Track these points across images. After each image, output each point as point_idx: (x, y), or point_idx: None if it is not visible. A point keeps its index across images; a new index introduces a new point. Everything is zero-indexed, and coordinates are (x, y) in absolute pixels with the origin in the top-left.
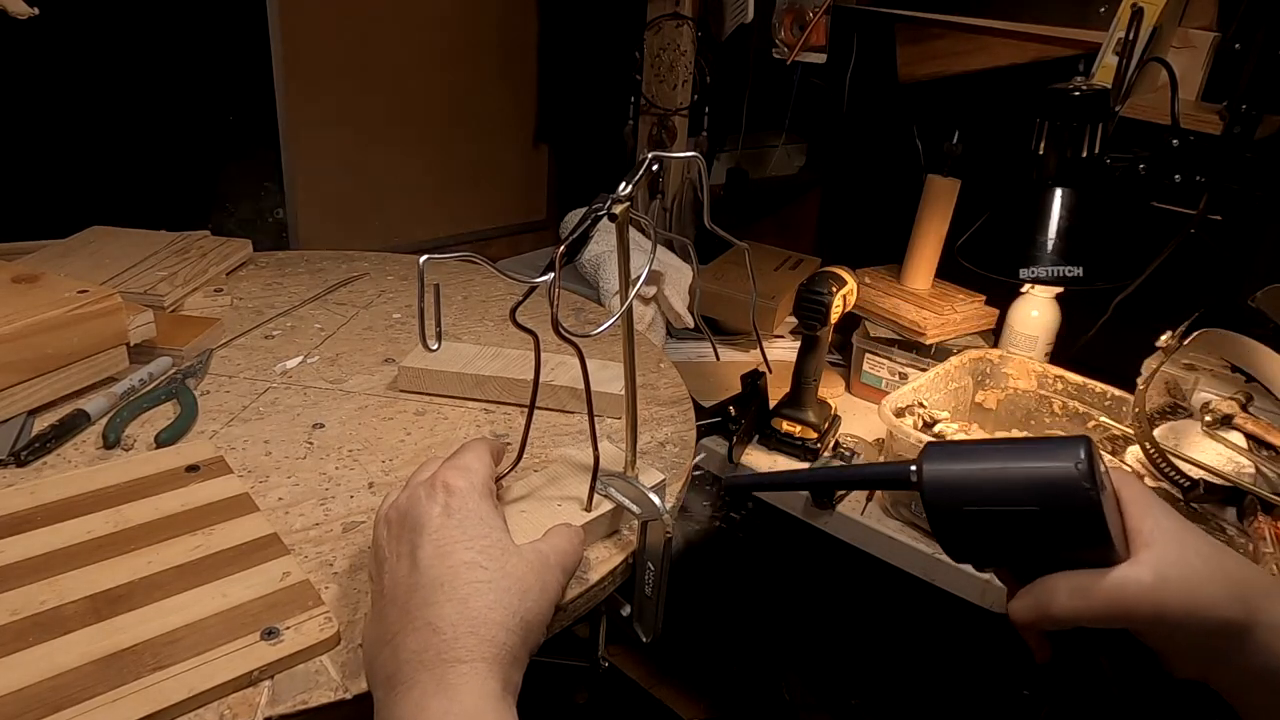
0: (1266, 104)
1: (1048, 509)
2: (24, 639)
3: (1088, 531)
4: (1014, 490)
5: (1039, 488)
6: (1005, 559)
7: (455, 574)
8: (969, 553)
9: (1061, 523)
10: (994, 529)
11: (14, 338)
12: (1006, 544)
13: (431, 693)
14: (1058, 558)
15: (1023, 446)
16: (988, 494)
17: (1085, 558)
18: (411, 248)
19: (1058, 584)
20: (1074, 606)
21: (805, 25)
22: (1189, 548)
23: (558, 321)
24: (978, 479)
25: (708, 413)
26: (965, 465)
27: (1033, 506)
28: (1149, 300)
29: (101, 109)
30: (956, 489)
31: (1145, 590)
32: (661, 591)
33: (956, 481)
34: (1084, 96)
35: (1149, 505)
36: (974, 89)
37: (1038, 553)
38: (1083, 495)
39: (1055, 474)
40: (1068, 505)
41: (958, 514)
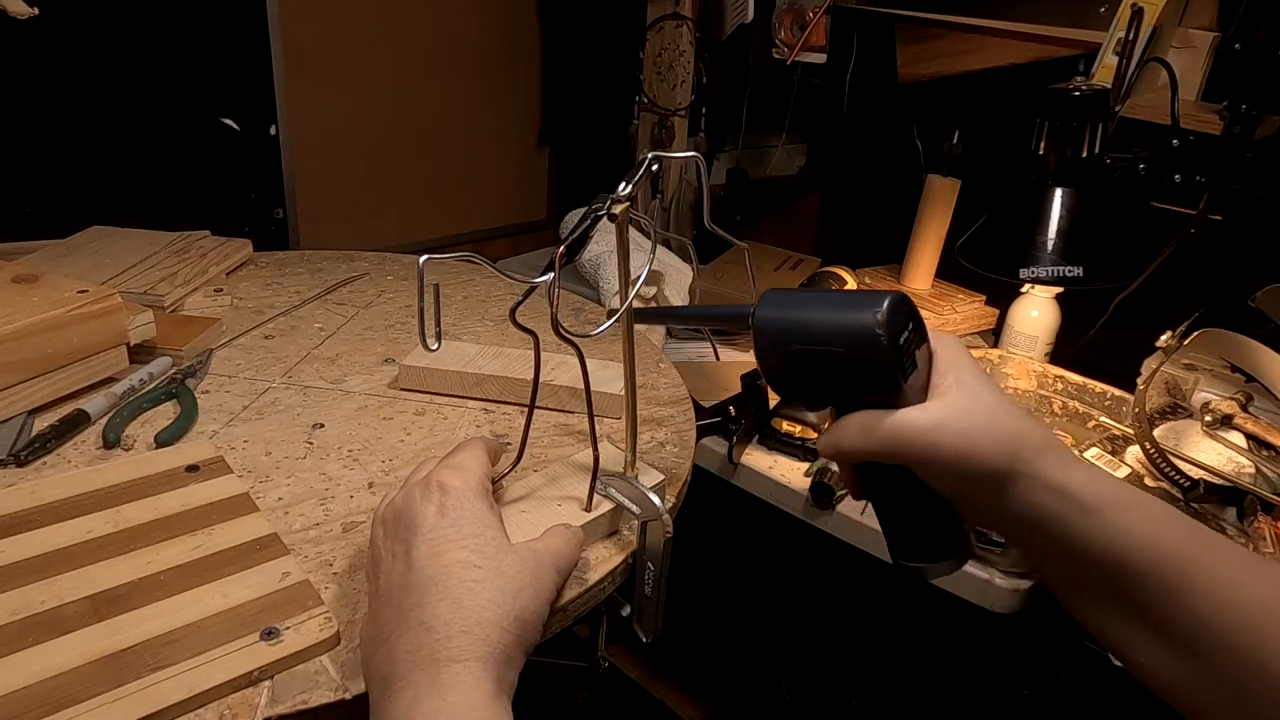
0: (1266, 104)
1: (848, 352)
2: (24, 639)
3: (878, 376)
4: (825, 334)
5: (844, 333)
6: (822, 398)
7: (449, 573)
8: (791, 389)
9: (859, 365)
10: (810, 369)
11: (14, 338)
12: (821, 384)
13: (424, 692)
14: (861, 400)
15: (844, 297)
16: (805, 336)
17: (880, 401)
18: (411, 248)
19: (850, 421)
20: (858, 442)
21: (805, 25)
22: (977, 403)
23: (557, 321)
24: (801, 321)
25: (708, 413)
26: (795, 311)
27: (838, 349)
28: (1149, 300)
29: (101, 109)
30: (782, 330)
31: (920, 432)
32: (661, 591)
33: (782, 324)
34: (1084, 96)
35: (955, 363)
36: (974, 89)
37: (845, 393)
38: (875, 342)
39: (856, 321)
40: (863, 350)
41: (783, 352)
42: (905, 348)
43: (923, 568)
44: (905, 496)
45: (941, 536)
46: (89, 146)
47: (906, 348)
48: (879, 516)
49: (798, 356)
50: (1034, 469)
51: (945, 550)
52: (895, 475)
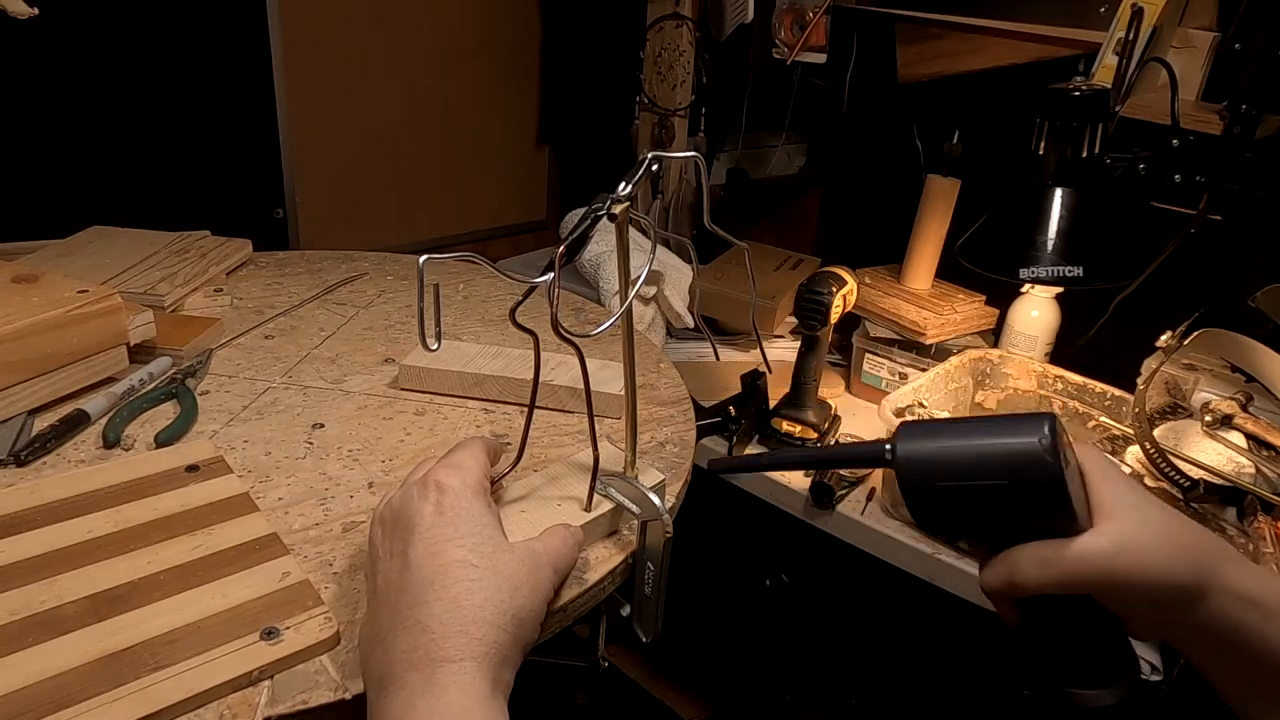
0: (1266, 104)
1: (1014, 483)
2: (23, 639)
3: (1051, 503)
4: (983, 466)
5: (1006, 463)
6: (976, 531)
7: (446, 572)
8: (942, 526)
9: (1027, 495)
10: (965, 503)
11: (14, 338)
12: (977, 517)
13: (420, 692)
14: (1024, 529)
15: (991, 423)
16: (958, 470)
17: (1050, 528)
18: (411, 248)
19: (1023, 554)
20: (1039, 575)
21: (805, 25)
22: (1147, 517)
23: (557, 321)
24: (948, 455)
25: (708, 413)
26: (937, 443)
27: (1001, 481)
28: (1149, 300)
29: (101, 109)
30: (929, 466)
31: (1104, 558)
32: (661, 591)
33: (929, 458)
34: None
35: (1110, 478)
36: (974, 89)
37: (1005, 525)
38: (1046, 469)
39: (1021, 449)
40: (1032, 479)
41: (931, 489)
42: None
43: (1093, 694)
44: (1082, 622)
45: (1114, 659)
46: (89, 146)
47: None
48: (1037, 643)
49: (953, 492)
50: (1221, 580)
51: (1116, 674)
52: (1069, 604)
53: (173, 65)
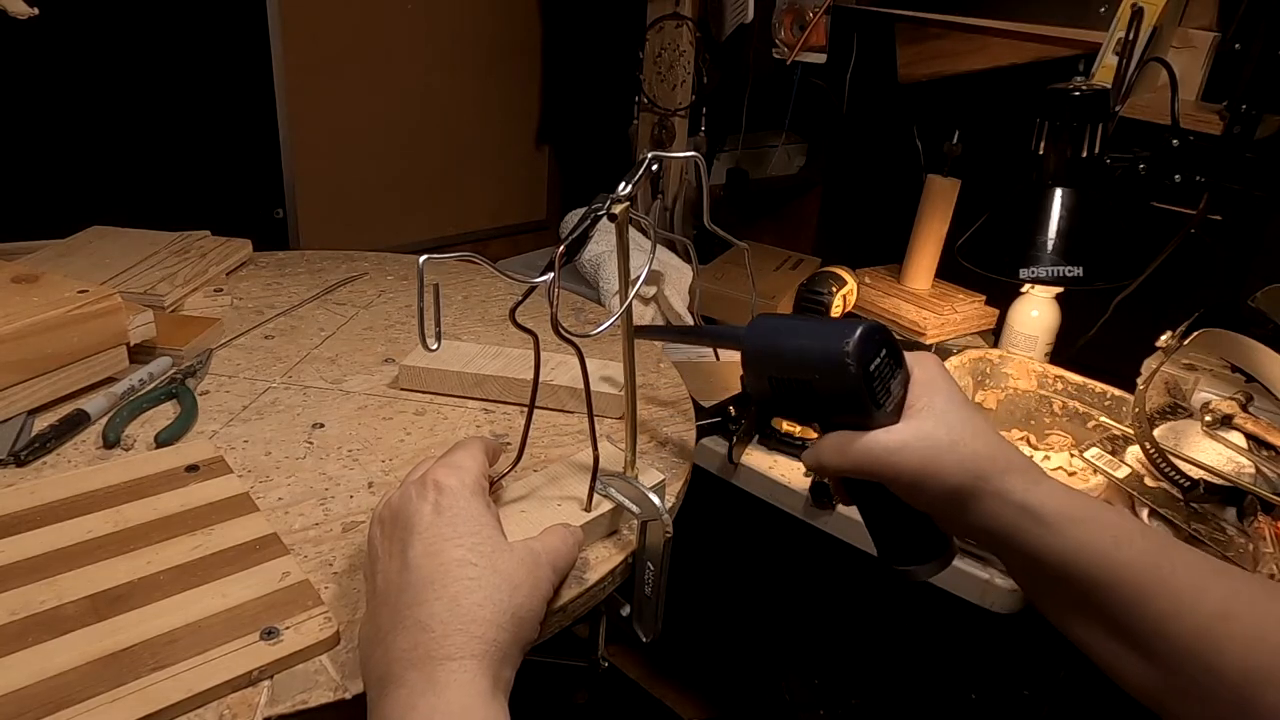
0: (1266, 104)
1: (822, 378)
2: (24, 639)
3: (850, 401)
4: (800, 364)
5: (815, 363)
6: (804, 418)
7: (445, 571)
8: (779, 411)
9: (832, 391)
10: (788, 393)
11: (14, 338)
12: (797, 406)
13: (420, 691)
14: (834, 420)
15: (822, 327)
16: (783, 364)
17: (854, 422)
18: (411, 248)
19: (826, 441)
20: (836, 460)
21: (805, 25)
22: (943, 424)
23: (557, 321)
24: (778, 350)
25: (708, 413)
26: (773, 339)
27: (811, 377)
28: (1149, 300)
29: (102, 109)
30: (763, 356)
31: (886, 452)
32: (661, 591)
33: (764, 350)
34: (1084, 96)
35: (929, 386)
36: (974, 89)
37: (819, 414)
38: (845, 371)
39: (827, 350)
40: (833, 378)
41: (766, 378)
42: (876, 374)
43: (909, 570)
44: (885, 506)
45: (924, 541)
46: (89, 146)
47: (879, 374)
48: (865, 522)
49: (779, 383)
50: (997, 486)
51: (929, 553)
52: (873, 488)
53: (173, 65)
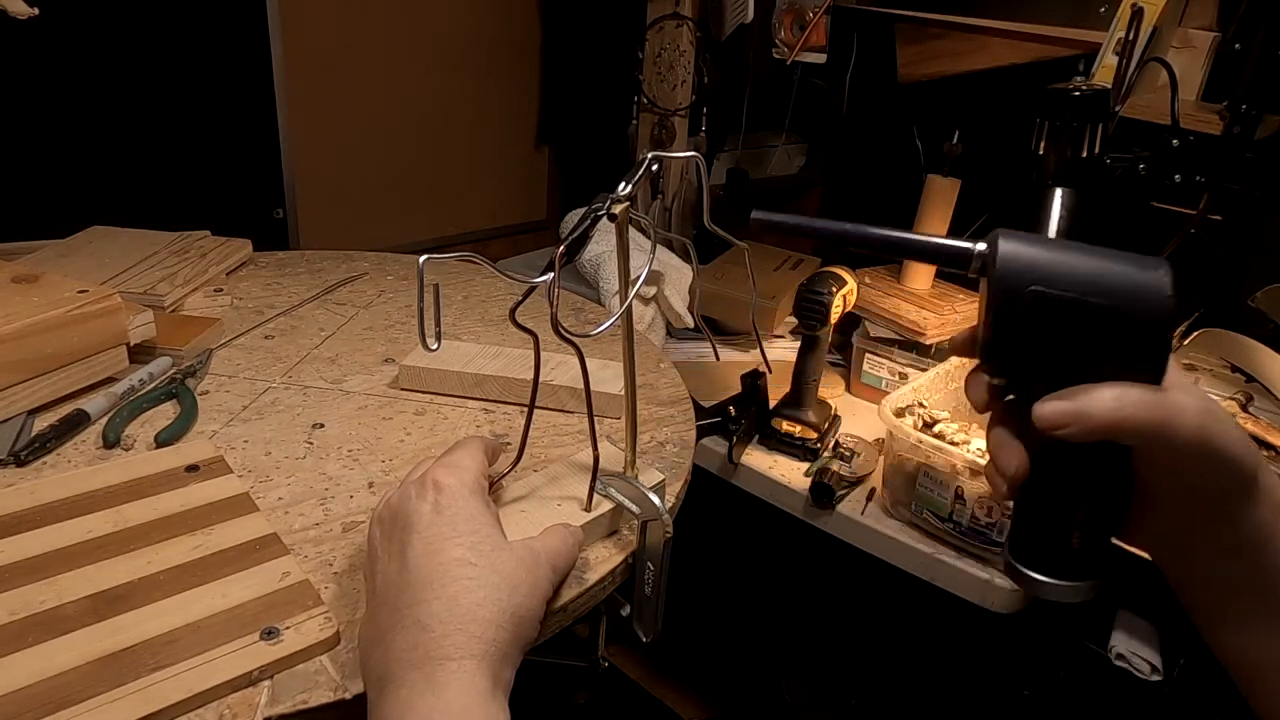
0: (1266, 104)
1: (1126, 309)
2: (24, 639)
3: (1154, 344)
4: (1097, 283)
5: (1124, 286)
6: (1054, 359)
7: (444, 571)
8: (1017, 348)
9: (1133, 327)
10: (1058, 319)
11: (14, 338)
12: (1064, 340)
13: (420, 691)
14: (1109, 368)
15: (1106, 250)
16: (1065, 280)
17: (1135, 376)
18: (411, 248)
19: (1103, 389)
20: (1116, 409)
21: (805, 25)
22: (1208, 398)
23: (557, 321)
24: (1058, 262)
25: (708, 413)
26: (1045, 248)
27: (1112, 304)
28: None
29: (102, 109)
30: (1031, 266)
31: (1198, 414)
32: (661, 591)
33: (1033, 259)
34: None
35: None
36: (974, 89)
37: (1093, 357)
38: (1164, 304)
39: (1144, 278)
40: (1147, 311)
41: (1022, 295)
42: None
43: (1050, 584)
44: (1086, 491)
45: (1089, 554)
46: (89, 146)
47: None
48: (1027, 511)
49: (1049, 304)
50: (1266, 479)
51: (1084, 571)
52: (1095, 462)
53: (173, 66)
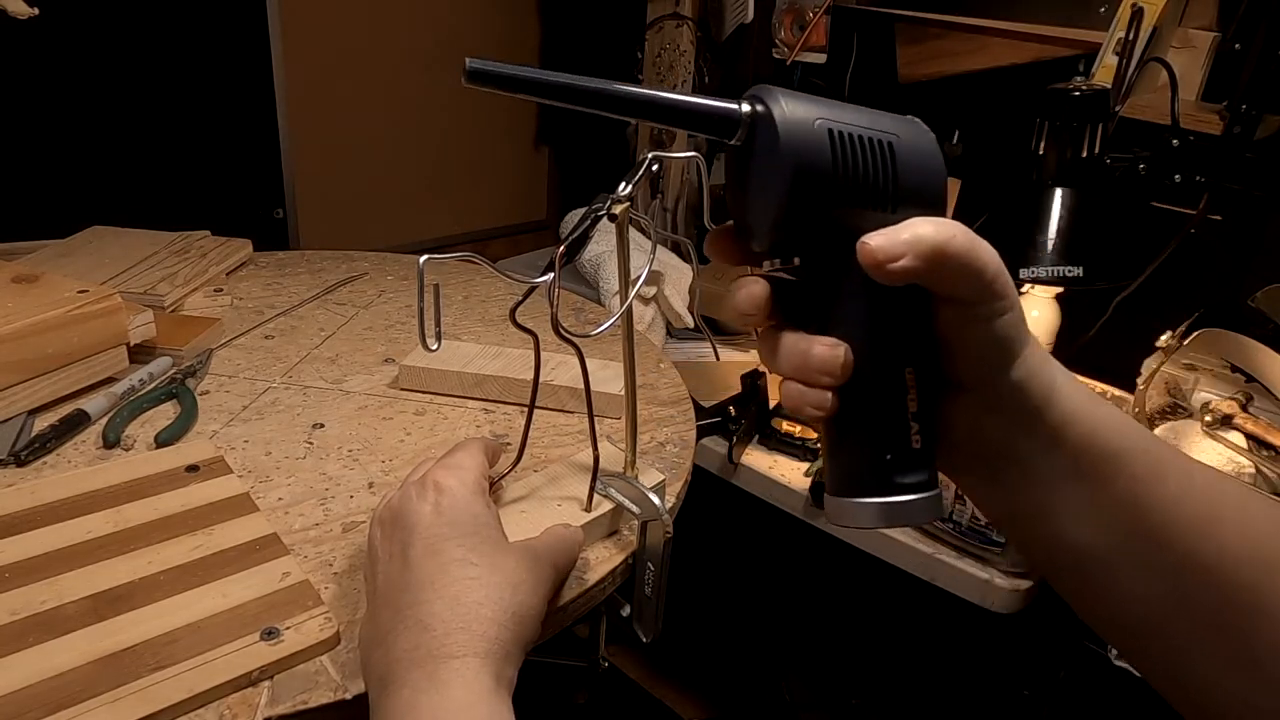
0: (1266, 104)
1: (908, 144)
2: (24, 639)
3: (937, 182)
4: (872, 121)
5: (895, 125)
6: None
7: (445, 571)
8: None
9: (918, 163)
10: (851, 157)
11: (14, 338)
12: (861, 185)
13: (423, 689)
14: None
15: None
16: (844, 118)
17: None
18: (411, 248)
19: (919, 221)
20: (945, 233)
21: (805, 25)
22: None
23: (557, 321)
24: (830, 104)
25: (708, 413)
26: (811, 98)
27: (892, 138)
28: (1149, 300)
29: (101, 109)
30: (809, 108)
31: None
32: (661, 591)
33: (809, 103)
34: (1084, 96)
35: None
36: (974, 89)
37: (889, 200)
38: (933, 140)
39: (904, 121)
40: (926, 146)
41: (812, 137)
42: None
43: (917, 500)
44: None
45: (928, 452)
46: (89, 146)
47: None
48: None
49: (846, 140)
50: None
51: (931, 475)
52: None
53: (173, 65)
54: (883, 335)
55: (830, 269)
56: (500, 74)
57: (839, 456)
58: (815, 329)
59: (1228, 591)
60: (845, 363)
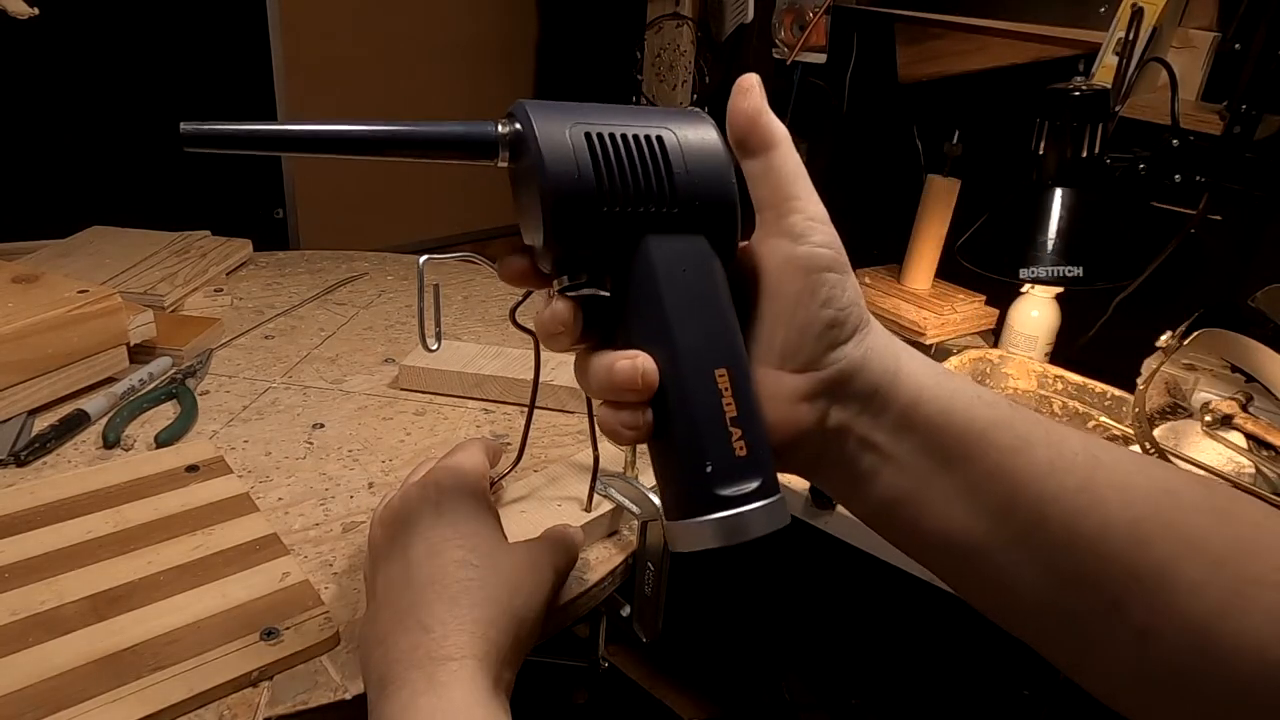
0: (1266, 104)
1: (681, 128)
2: (24, 639)
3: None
4: (630, 117)
5: (659, 117)
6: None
7: (445, 572)
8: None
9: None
10: (612, 157)
11: (14, 338)
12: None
13: (421, 690)
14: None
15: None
16: (601, 118)
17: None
18: (411, 248)
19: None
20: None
21: (805, 25)
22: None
23: None
24: (587, 109)
25: None
26: (569, 108)
27: (666, 128)
28: (1149, 300)
29: (102, 109)
30: (564, 115)
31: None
32: (661, 591)
33: (563, 110)
34: (1084, 96)
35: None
36: (974, 89)
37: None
38: (710, 123)
39: (677, 112)
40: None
41: (568, 143)
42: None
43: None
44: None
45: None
46: (89, 146)
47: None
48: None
49: (602, 140)
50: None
51: (769, 478)
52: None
53: (173, 65)
54: (684, 337)
55: (620, 277)
56: (217, 134)
57: (664, 478)
58: (621, 345)
59: (1116, 567)
60: (646, 372)
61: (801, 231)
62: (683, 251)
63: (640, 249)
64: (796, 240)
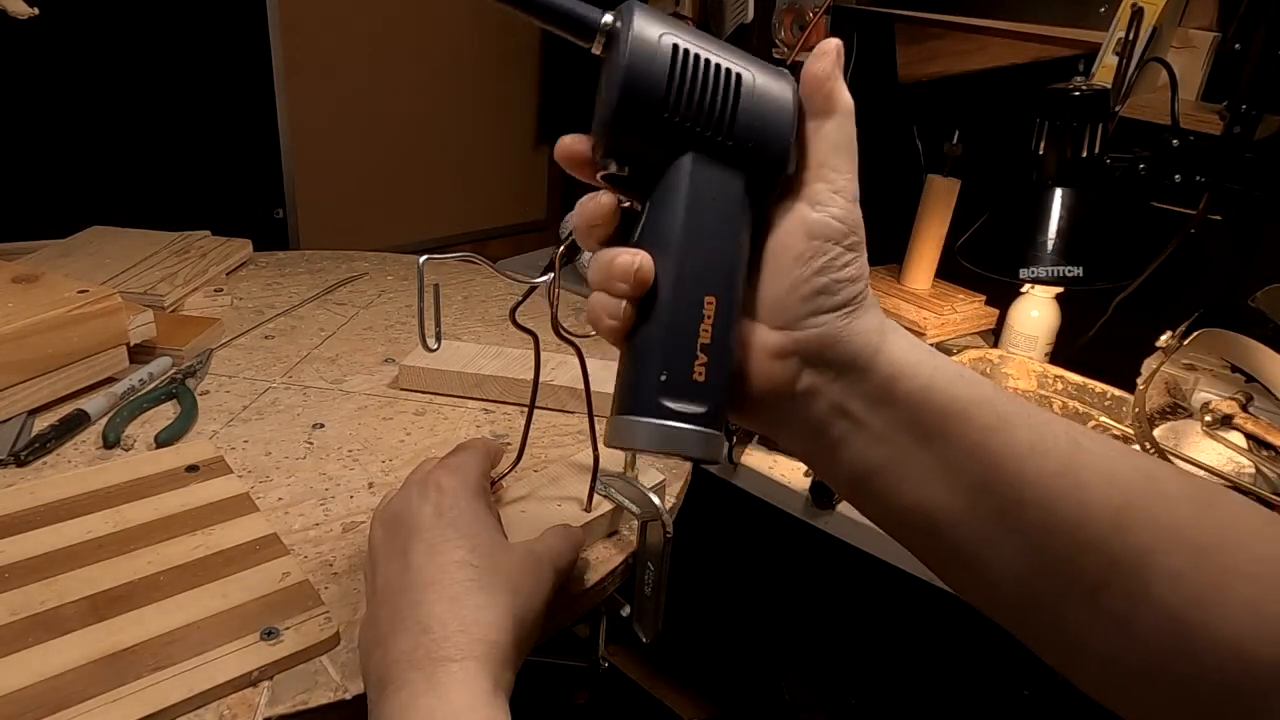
0: (1266, 104)
1: (757, 82)
2: (24, 639)
3: (776, 127)
4: (726, 50)
5: (752, 61)
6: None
7: (445, 573)
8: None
9: (761, 104)
10: (684, 70)
11: (14, 338)
12: (685, 93)
13: (421, 691)
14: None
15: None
16: (697, 40)
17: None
18: (411, 248)
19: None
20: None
21: (805, 25)
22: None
23: (557, 322)
24: (689, 29)
25: None
26: (677, 22)
27: (750, 72)
28: (1149, 300)
29: (102, 109)
30: (664, 24)
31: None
32: (661, 591)
33: (666, 20)
34: (1084, 96)
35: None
36: (974, 89)
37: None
38: (791, 84)
39: (777, 73)
40: (779, 96)
41: (656, 48)
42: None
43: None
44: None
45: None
46: (89, 146)
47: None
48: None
49: (686, 55)
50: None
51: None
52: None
53: (173, 66)
54: (688, 254)
55: (651, 180)
56: None
57: (622, 376)
58: (633, 245)
59: (1096, 554)
60: (640, 269)
61: (822, 200)
62: (719, 181)
63: (680, 162)
64: (814, 206)
